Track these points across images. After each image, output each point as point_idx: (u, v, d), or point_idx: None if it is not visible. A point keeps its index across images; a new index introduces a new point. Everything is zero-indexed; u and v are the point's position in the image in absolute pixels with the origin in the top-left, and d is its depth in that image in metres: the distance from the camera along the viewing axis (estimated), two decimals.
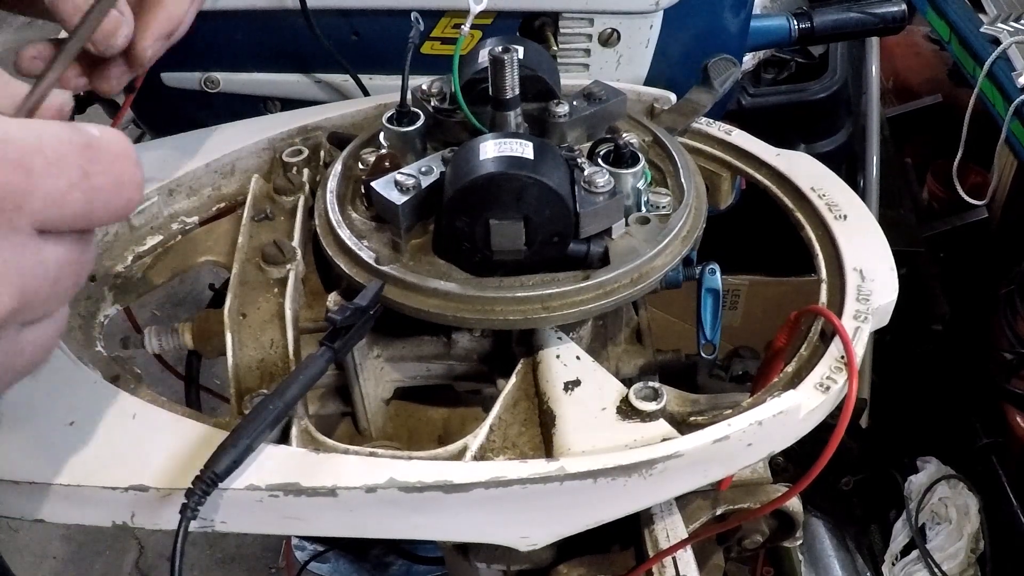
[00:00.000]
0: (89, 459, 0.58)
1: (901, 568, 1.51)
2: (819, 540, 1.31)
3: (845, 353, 0.64)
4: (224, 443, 0.56)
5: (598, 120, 0.76)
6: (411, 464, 0.58)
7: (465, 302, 0.65)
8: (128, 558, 2.08)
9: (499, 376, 0.70)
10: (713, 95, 0.89)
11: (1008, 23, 1.51)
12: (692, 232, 0.71)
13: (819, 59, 1.58)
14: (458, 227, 0.64)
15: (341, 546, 1.64)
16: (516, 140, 0.65)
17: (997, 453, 1.56)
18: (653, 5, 0.97)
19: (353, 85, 1.02)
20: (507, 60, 0.67)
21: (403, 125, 0.74)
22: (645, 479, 0.58)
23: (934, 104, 2.05)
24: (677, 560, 0.67)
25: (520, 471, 0.57)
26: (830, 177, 0.81)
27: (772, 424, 0.60)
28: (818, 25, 1.17)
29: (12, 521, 0.71)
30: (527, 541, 0.62)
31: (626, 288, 0.66)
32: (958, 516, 1.54)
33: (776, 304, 1.35)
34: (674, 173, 0.75)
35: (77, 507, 0.58)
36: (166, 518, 0.57)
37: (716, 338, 0.76)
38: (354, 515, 0.59)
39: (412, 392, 0.77)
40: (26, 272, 0.39)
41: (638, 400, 0.61)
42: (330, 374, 0.72)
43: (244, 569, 2.06)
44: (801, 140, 1.54)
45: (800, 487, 0.64)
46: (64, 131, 0.40)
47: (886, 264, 0.71)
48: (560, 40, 0.99)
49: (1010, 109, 1.41)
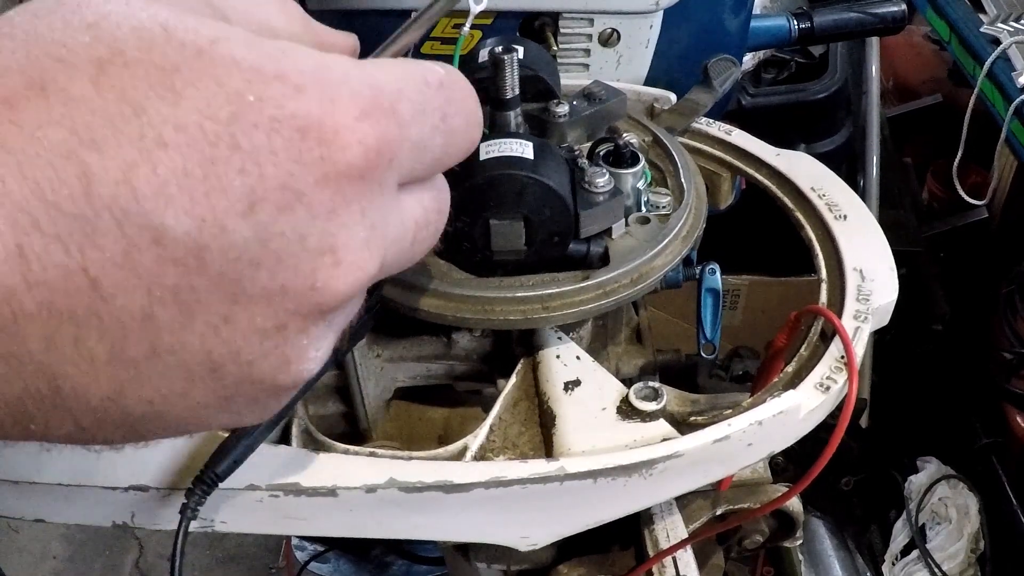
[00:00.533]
0: (89, 459, 0.58)
1: (901, 568, 1.52)
2: (819, 540, 1.31)
3: (845, 353, 0.64)
4: (224, 443, 0.56)
5: (598, 120, 0.76)
6: (411, 464, 0.58)
7: (465, 302, 0.65)
8: (128, 558, 2.09)
9: (499, 376, 0.70)
10: (713, 95, 0.89)
11: (1008, 23, 1.51)
12: (692, 232, 0.71)
13: (819, 59, 1.58)
14: (458, 227, 0.64)
15: (341, 546, 1.64)
16: (516, 140, 0.65)
17: (997, 453, 1.56)
18: (653, 5, 0.97)
19: None
20: (507, 60, 0.67)
21: None
22: (645, 479, 0.58)
23: (934, 104, 2.05)
24: (677, 560, 0.67)
25: (520, 471, 0.57)
26: (830, 177, 0.81)
27: (772, 424, 0.60)
28: (818, 25, 1.17)
29: (12, 521, 0.71)
30: (527, 541, 0.62)
31: (626, 288, 0.66)
32: (958, 516, 1.54)
33: (776, 304, 1.35)
34: (674, 173, 0.75)
35: (77, 507, 0.58)
36: (166, 518, 0.57)
37: (716, 338, 0.76)
38: (354, 515, 0.59)
39: (412, 392, 0.77)
40: (390, 235, 0.36)
41: (638, 400, 0.61)
42: (330, 374, 0.72)
43: (244, 569, 2.06)
44: (801, 140, 1.54)
45: (800, 487, 0.64)
46: (418, 71, 0.36)
47: (886, 264, 0.71)
48: (560, 40, 0.99)
49: (1010, 109, 1.41)
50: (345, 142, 0.32)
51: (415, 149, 0.35)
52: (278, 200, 0.31)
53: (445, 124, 0.37)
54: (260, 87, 0.31)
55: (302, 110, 0.31)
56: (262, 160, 0.31)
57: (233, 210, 0.30)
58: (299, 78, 0.31)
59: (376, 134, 0.33)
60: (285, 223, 0.31)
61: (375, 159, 0.33)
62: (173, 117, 0.30)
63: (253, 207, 0.31)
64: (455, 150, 0.38)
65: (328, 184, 0.32)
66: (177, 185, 0.30)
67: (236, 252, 0.31)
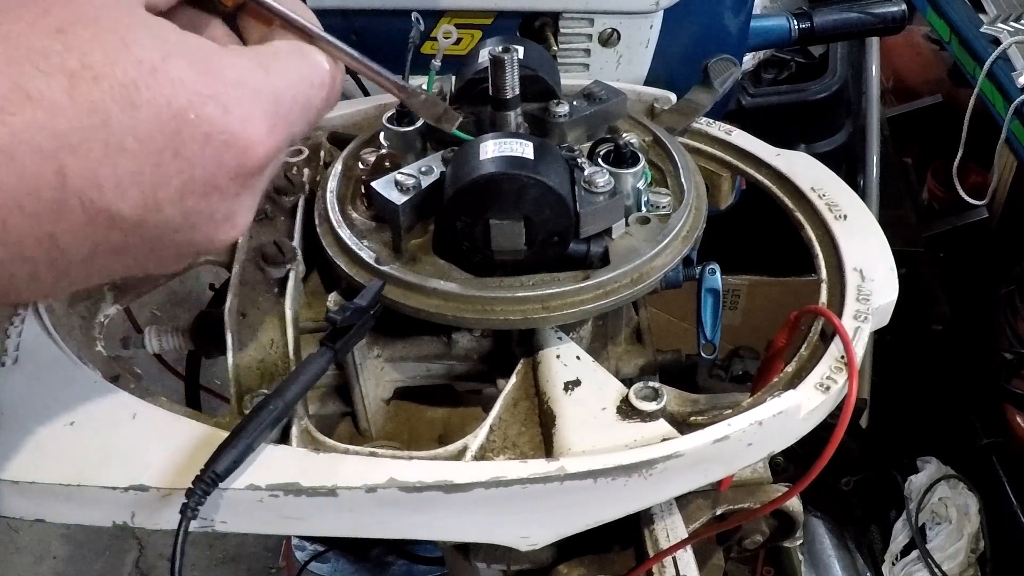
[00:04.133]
0: (89, 459, 0.58)
1: (901, 568, 1.51)
2: (819, 540, 1.31)
3: (845, 353, 0.64)
4: (224, 443, 0.56)
5: (598, 120, 0.76)
6: (411, 464, 0.58)
7: (465, 302, 0.65)
8: (128, 558, 2.08)
9: (499, 376, 0.70)
10: (713, 95, 0.89)
11: (1008, 23, 1.51)
12: (692, 232, 0.71)
13: (819, 59, 1.59)
14: (458, 227, 0.64)
15: (341, 546, 1.64)
16: (516, 140, 0.65)
17: (997, 453, 1.56)
18: (653, 5, 0.97)
19: (353, 85, 1.02)
20: (507, 60, 0.67)
21: (403, 125, 0.74)
22: (645, 479, 0.58)
23: (934, 104, 2.05)
24: (677, 560, 0.67)
25: (520, 471, 0.57)
26: (830, 177, 0.81)
27: (772, 424, 0.60)
28: (818, 25, 1.17)
29: (12, 521, 0.71)
30: (527, 541, 0.62)
31: (626, 288, 0.66)
32: (958, 516, 1.54)
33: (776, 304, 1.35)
34: (674, 173, 0.75)
35: (77, 507, 0.58)
36: (166, 518, 0.57)
37: (716, 338, 0.76)
38: (354, 515, 0.59)
39: (412, 392, 0.77)
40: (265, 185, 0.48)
41: (638, 400, 0.61)
42: (330, 374, 0.72)
43: (244, 569, 2.06)
44: (801, 140, 1.55)
45: (800, 487, 0.64)
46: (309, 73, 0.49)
47: (886, 264, 0.71)
48: (560, 40, 0.99)
49: (1010, 109, 1.41)
50: (255, 153, 0.44)
51: (294, 138, 0.48)
52: (202, 191, 0.43)
53: (317, 115, 0.49)
54: (199, 107, 0.41)
55: (227, 127, 0.42)
56: (195, 163, 0.42)
57: (168, 199, 0.42)
58: (225, 97, 0.42)
59: (275, 142, 0.45)
60: (204, 205, 0.44)
61: (271, 157, 0.45)
62: (132, 129, 0.39)
63: (183, 196, 0.42)
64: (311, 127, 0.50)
65: (238, 179, 0.44)
66: (131, 181, 0.40)
67: (165, 224, 0.43)
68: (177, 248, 0.46)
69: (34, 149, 0.37)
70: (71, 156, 0.38)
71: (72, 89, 0.38)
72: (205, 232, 0.45)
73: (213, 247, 0.47)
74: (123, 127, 0.39)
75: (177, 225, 0.43)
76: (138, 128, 0.39)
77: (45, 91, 0.37)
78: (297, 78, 0.47)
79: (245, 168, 0.44)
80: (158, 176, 0.41)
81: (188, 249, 0.46)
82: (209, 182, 0.43)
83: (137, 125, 0.39)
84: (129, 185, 0.40)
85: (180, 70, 0.41)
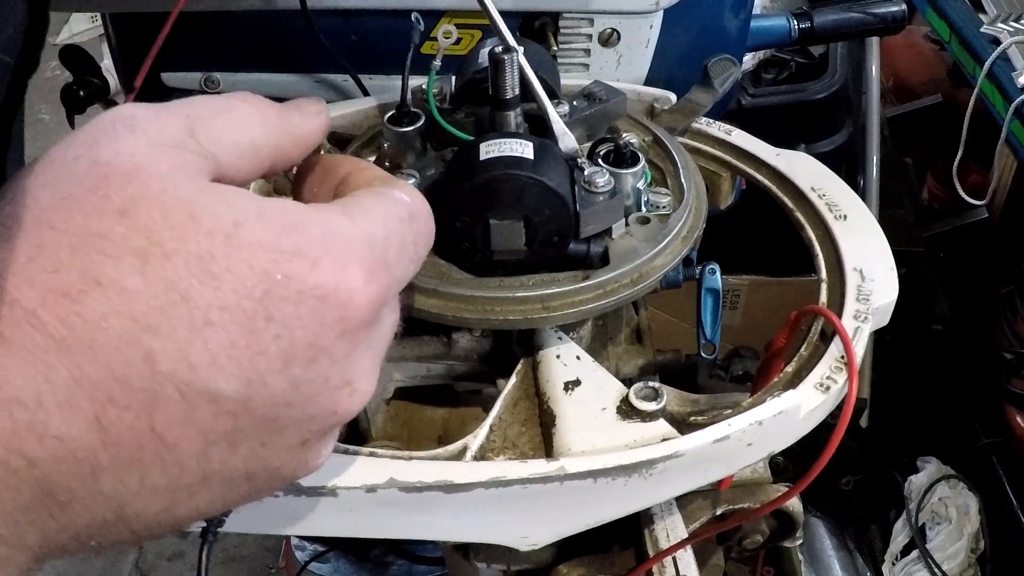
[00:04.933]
0: None
1: (901, 568, 1.52)
2: (819, 540, 1.31)
3: (845, 353, 0.64)
4: None
5: (598, 120, 0.76)
6: (411, 464, 0.58)
7: (465, 302, 0.65)
8: (128, 558, 2.08)
9: (499, 376, 0.70)
10: (713, 95, 0.89)
11: (1008, 23, 1.51)
12: (692, 232, 0.71)
13: (819, 59, 1.59)
14: (458, 227, 0.64)
15: (341, 546, 1.64)
16: (516, 140, 0.65)
17: (997, 453, 1.56)
18: (653, 5, 0.97)
19: (353, 85, 1.02)
20: (507, 60, 0.67)
21: (403, 125, 0.74)
22: (645, 479, 0.58)
23: (934, 104, 2.05)
24: (677, 560, 0.67)
25: (520, 471, 0.57)
26: (830, 177, 0.81)
27: (772, 424, 0.60)
28: (818, 25, 1.17)
29: None
30: (527, 541, 0.62)
31: (626, 288, 0.66)
32: (958, 516, 1.55)
33: (776, 304, 1.35)
34: (674, 173, 0.75)
35: None
36: None
37: (716, 338, 0.76)
38: (354, 515, 0.59)
39: (412, 392, 0.77)
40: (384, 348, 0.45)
41: (638, 400, 0.61)
42: None
43: (244, 569, 2.06)
44: (801, 140, 1.55)
45: (800, 487, 0.64)
46: (394, 210, 0.44)
47: (886, 264, 0.71)
48: (560, 40, 0.99)
49: (1010, 109, 1.41)
50: (357, 303, 0.40)
51: (400, 283, 0.45)
52: (306, 355, 0.39)
53: (416, 252, 0.46)
54: (284, 265, 0.38)
55: (320, 281, 0.38)
56: (292, 326, 0.38)
57: (272, 368, 0.38)
58: (313, 251, 0.39)
59: (378, 289, 0.41)
60: (313, 371, 0.39)
61: (378, 307, 0.41)
62: (216, 300, 0.36)
63: (287, 364, 0.38)
64: (417, 267, 0.47)
65: (345, 336, 0.40)
66: (226, 356, 0.37)
67: (275, 399, 0.39)
68: (297, 428, 0.41)
69: (115, 337, 0.35)
70: (155, 338, 0.35)
71: (143, 268, 0.36)
72: (322, 404, 0.41)
73: (338, 419, 0.42)
74: (205, 300, 0.36)
75: (288, 399, 0.39)
76: (222, 298, 0.36)
77: (115, 275, 0.35)
78: (383, 217, 0.43)
79: (350, 322, 0.40)
80: (254, 345, 0.37)
81: (312, 427, 0.41)
82: (313, 344, 0.39)
83: (220, 296, 0.36)
84: (225, 360, 0.37)
85: (256, 233, 0.38)
